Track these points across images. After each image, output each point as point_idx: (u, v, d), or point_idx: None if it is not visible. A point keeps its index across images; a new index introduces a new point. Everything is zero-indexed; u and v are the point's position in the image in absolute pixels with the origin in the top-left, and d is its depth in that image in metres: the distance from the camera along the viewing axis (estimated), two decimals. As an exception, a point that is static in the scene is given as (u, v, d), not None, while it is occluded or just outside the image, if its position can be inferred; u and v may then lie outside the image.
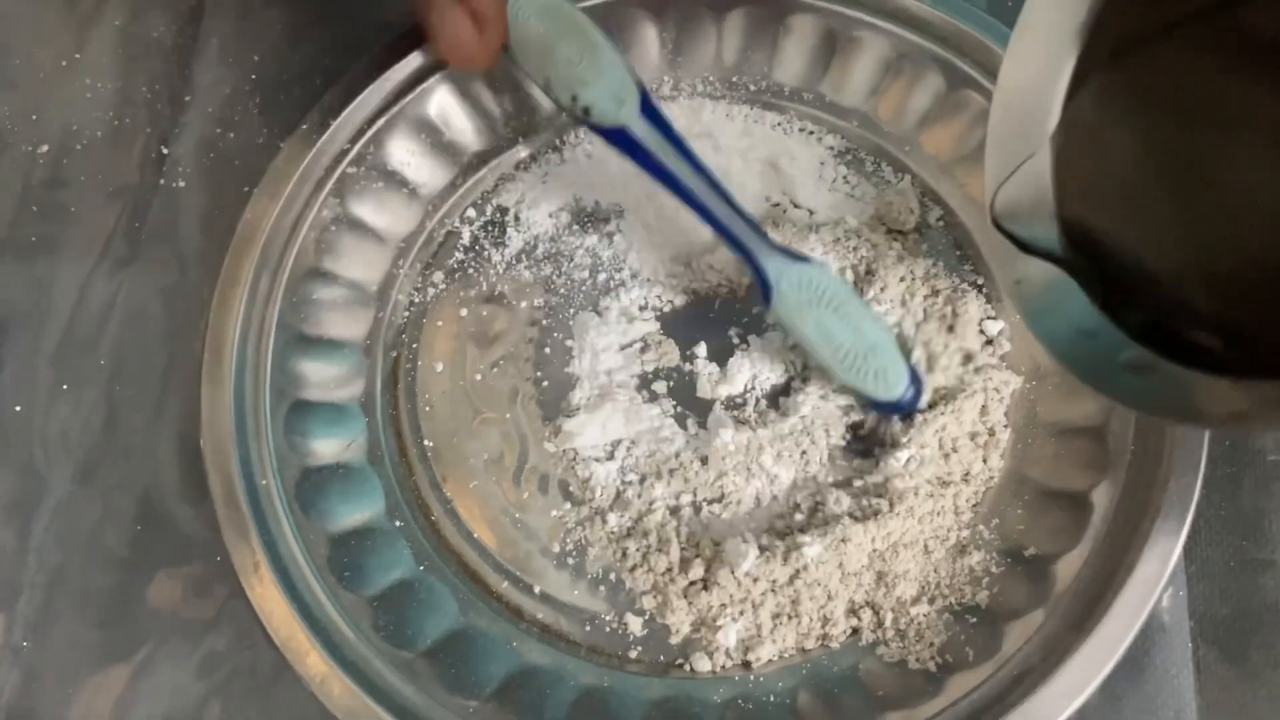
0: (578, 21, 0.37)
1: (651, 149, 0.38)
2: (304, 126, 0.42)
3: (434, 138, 0.44)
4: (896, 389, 0.39)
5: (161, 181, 0.45)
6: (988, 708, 0.34)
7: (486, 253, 0.44)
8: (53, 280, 0.43)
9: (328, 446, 0.40)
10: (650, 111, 0.38)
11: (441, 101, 0.44)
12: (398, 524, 0.40)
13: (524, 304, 0.43)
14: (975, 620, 0.37)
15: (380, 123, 0.43)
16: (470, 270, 0.44)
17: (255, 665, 0.38)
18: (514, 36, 0.35)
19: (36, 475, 0.40)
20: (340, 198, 0.42)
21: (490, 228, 0.45)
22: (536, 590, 0.39)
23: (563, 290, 0.44)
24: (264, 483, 0.38)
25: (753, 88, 0.46)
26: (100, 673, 0.38)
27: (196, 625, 0.38)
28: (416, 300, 0.44)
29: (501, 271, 0.44)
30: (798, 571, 0.38)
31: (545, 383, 0.42)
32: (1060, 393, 0.40)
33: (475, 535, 0.40)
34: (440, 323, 0.43)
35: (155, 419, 0.41)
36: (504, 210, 0.45)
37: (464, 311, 0.43)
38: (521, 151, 0.46)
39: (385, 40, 0.43)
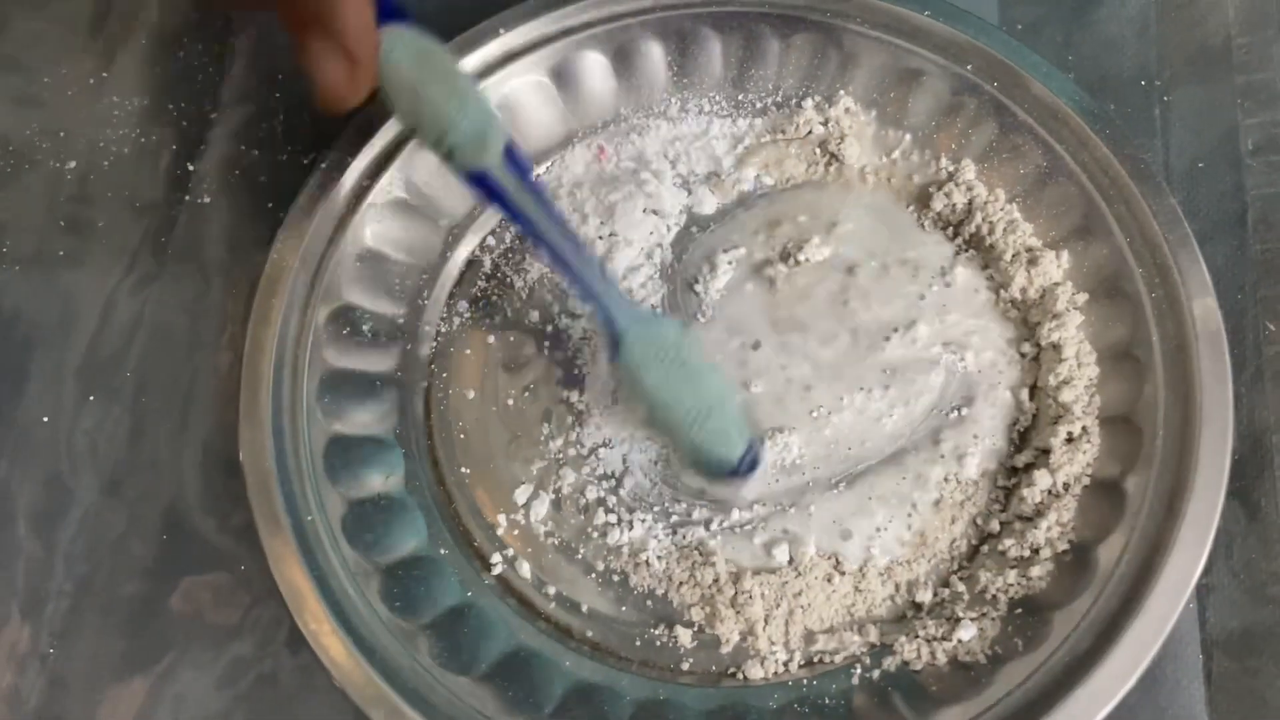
0: (447, 66, 0.36)
1: (510, 194, 0.37)
2: (323, 165, 0.42)
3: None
4: (736, 449, 0.39)
5: (186, 198, 0.46)
6: (1042, 697, 0.34)
7: (509, 279, 0.45)
8: (79, 294, 0.44)
9: (368, 480, 0.40)
10: (513, 158, 0.37)
11: None
12: (442, 551, 0.40)
13: (550, 327, 0.44)
14: (1022, 611, 0.37)
15: (398, 157, 0.43)
16: (494, 297, 0.45)
17: (278, 673, 0.38)
18: (385, 79, 0.35)
19: (64, 486, 0.41)
20: (362, 232, 0.43)
21: (510, 254, 0.45)
22: (584, 609, 0.39)
23: (587, 310, 0.44)
24: (309, 519, 0.38)
25: (759, 104, 0.47)
26: (125, 680, 0.38)
27: (220, 633, 0.39)
28: (444, 330, 0.44)
29: (525, 297, 0.44)
30: (843, 575, 0.39)
31: (572, 397, 0.42)
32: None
33: (518, 559, 0.40)
34: (468, 351, 0.44)
35: (180, 431, 0.42)
36: (522, 237, 0.46)
37: (491, 338, 0.44)
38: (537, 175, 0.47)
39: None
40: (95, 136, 0.47)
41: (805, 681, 0.37)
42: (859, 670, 0.37)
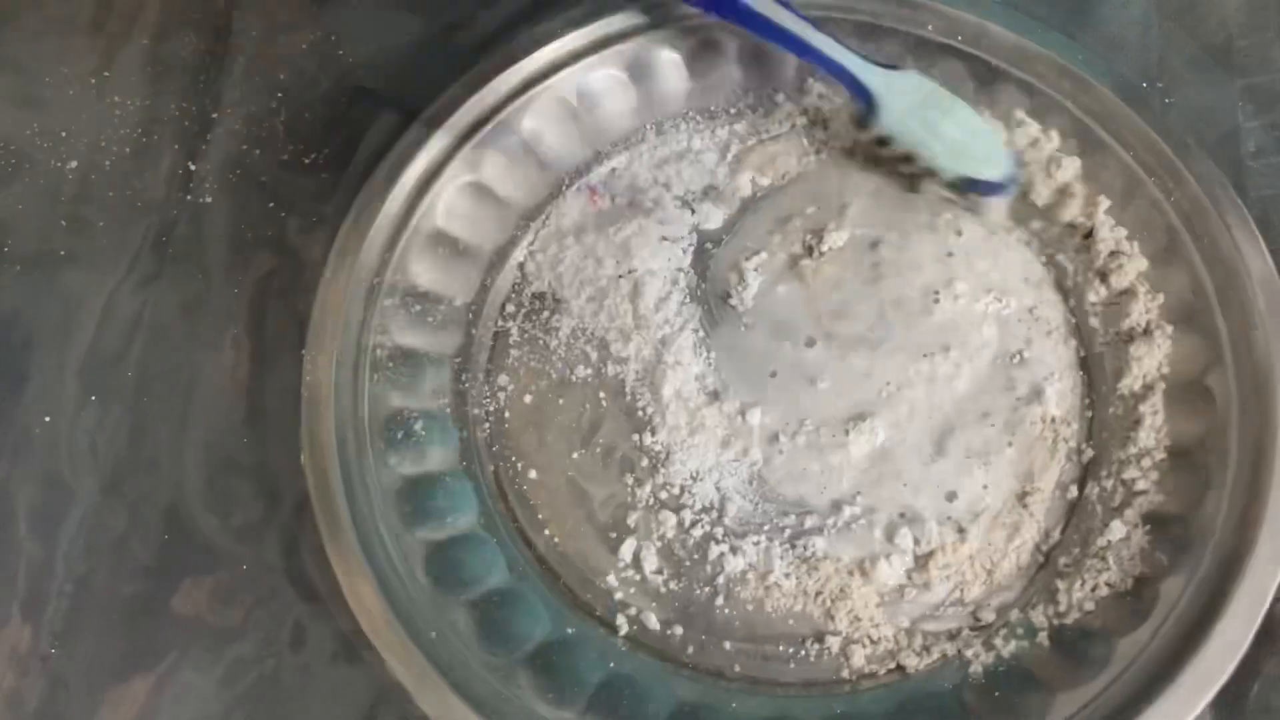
0: None
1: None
2: (327, 275, 0.42)
3: (451, 248, 0.44)
4: (1002, 166, 0.42)
5: (187, 198, 0.46)
6: (1158, 673, 0.34)
7: (540, 340, 0.44)
8: (80, 294, 0.44)
9: (475, 580, 0.39)
10: None
11: (448, 209, 0.44)
12: (569, 631, 0.39)
13: (599, 377, 0.43)
14: (1152, 526, 0.38)
15: (398, 248, 0.42)
16: (532, 363, 0.44)
17: (280, 674, 0.38)
18: None
19: (64, 486, 0.41)
20: (385, 333, 0.42)
21: (534, 315, 0.45)
22: (727, 646, 0.39)
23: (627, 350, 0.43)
24: (432, 635, 0.37)
25: (732, 110, 0.48)
26: (125, 681, 0.38)
27: (221, 634, 0.39)
28: (492, 409, 0.43)
29: (564, 354, 0.44)
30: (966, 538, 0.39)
31: (646, 440, 0.42)
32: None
33: (643, 614, 0.39)
34: (522, 423, 0.43)
35: (181, 431, 0.42)
36: (540, 297, 0.45)
37: (541, 404, 0.43)
38: (534, 233, 0.46)
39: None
40: (96, 136, 0.47)
41: (975, 654, 0.37)
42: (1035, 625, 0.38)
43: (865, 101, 0.42)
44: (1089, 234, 0.43)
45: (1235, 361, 0.38)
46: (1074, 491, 0.40)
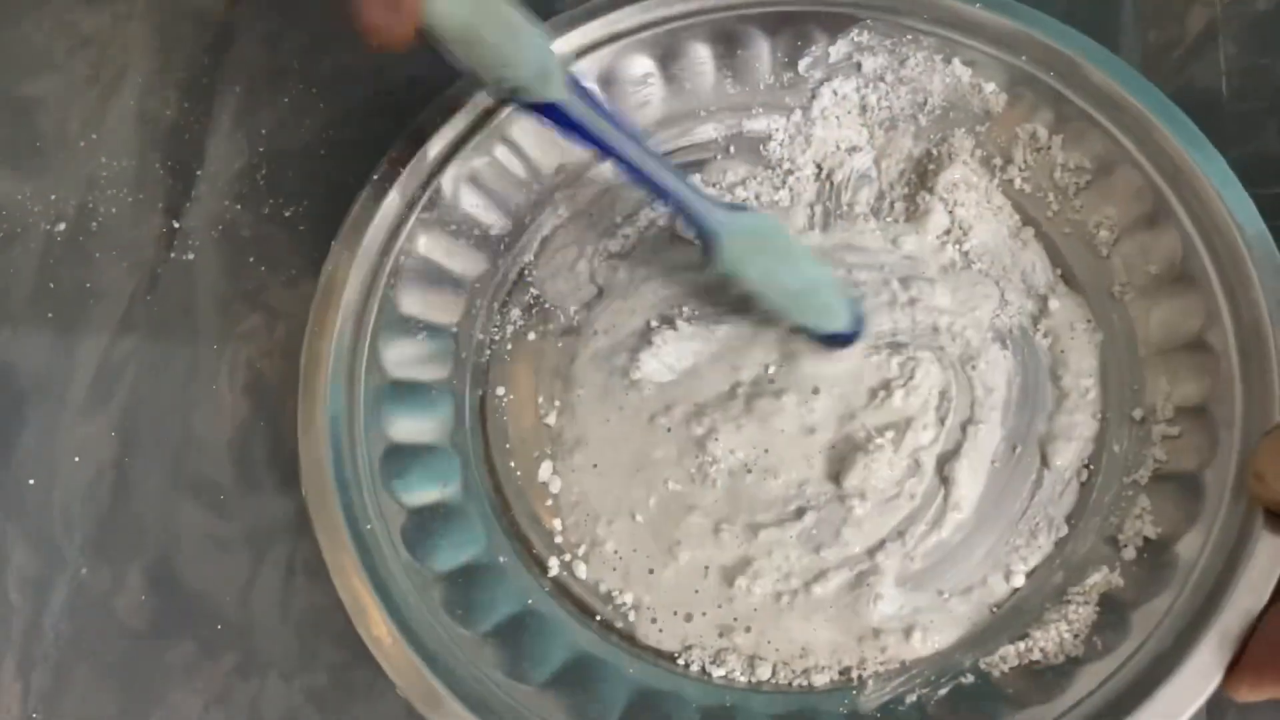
0: (495, 4, 0.36)
1: (584, 122, 0.38)
2: (375, 177, 0.42)
3: (501, 178, 0.45)
4: (841, 319, 0.41)
5: (172, 255, 0.46)
6: (1122, 697, 0.33)
7: (548, 360, 0.44)
8: (70, 354, 0.45)
9: (493, 604, 0.39)
10: (577, 86, 0.38)
11: (505, 144, 0.44)
12: (593, 653, 0.39)
13: (602, 393, 0.43)
14: (1102, 610, 0.37)
15: (449, 171, 0.43)
16: (539, 383, 0.44)
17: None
18: (437, 23, 0.34)
19: (53, 546, 0.42)
20: (414, 245, 0.42)
21: (538, 335, 0.45)
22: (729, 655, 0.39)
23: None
24: (369, 527, 0.37)
25: None
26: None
27: (209, 693, 0.39)
28: (496, 339, 0.44)
29: (572, 373, 0.43)
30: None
31: (656, 455, 0.42)
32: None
33: (661, 626, 0.40)
34: (531, 445, 0.43)
35: (170, 489, 0.42)
36: (546, 315, 0.45)
37: (550, 424, 0.43)
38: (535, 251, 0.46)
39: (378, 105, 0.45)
40: (85, 198, 0.48)
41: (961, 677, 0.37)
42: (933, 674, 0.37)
43: (706, 240, 0.40)
44: (1100, 250, 0.43)
45: (1245, 387, 0.37)
46: (1076, 515, 0.40)
